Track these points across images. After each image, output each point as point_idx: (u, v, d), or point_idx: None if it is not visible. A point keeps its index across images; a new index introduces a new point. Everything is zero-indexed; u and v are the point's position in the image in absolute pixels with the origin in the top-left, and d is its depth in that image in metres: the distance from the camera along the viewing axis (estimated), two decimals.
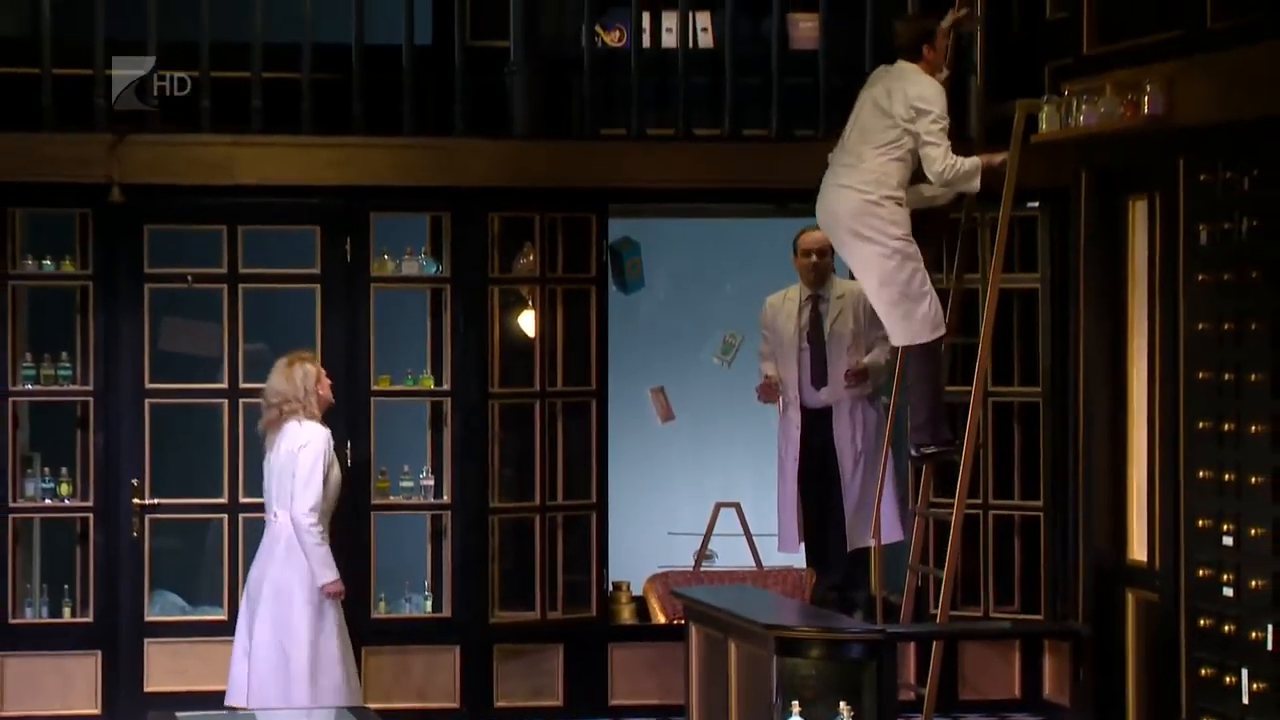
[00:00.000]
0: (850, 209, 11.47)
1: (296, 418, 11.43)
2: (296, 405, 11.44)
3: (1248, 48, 9.10)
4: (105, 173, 12.23)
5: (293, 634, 11.28)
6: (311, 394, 11.46)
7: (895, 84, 11.50)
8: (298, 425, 11.40)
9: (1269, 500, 8.93)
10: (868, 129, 11.53)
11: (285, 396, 11.46)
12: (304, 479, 11.32)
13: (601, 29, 12.99)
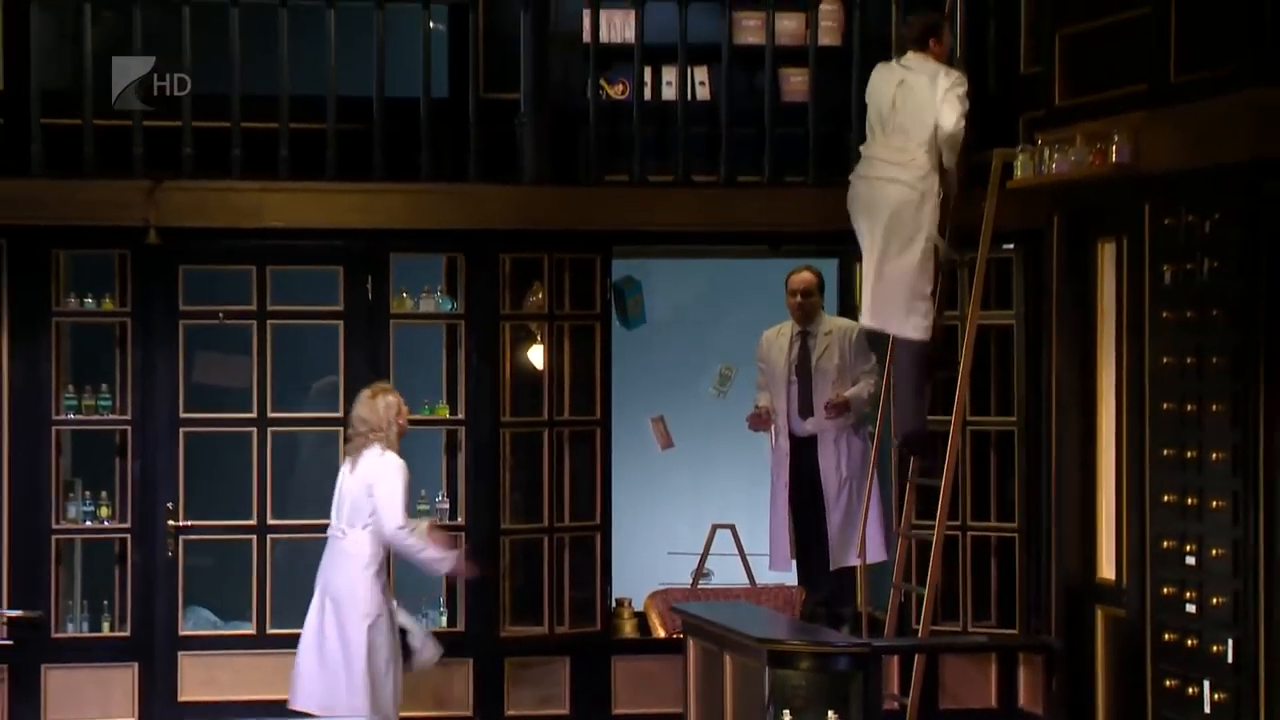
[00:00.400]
0: (898, 201, 11.45)
1: (380, 445, 11.44)
2: (380, 434, 11.46)
3: (1208, 101, 9.11)
4: (143, 216, 12.23)
5: (347, 644, 11.30)
6: (393, 423, 11.48)
7: (924, 74, 11.49)
8: (378, 455, 11.41)
9: (1229, 523, 8.92)
10: (910, 124, 11.49)
11: (371, 425, 11.48)
12: (388, 499, 11.32)
13: (606, 82, 13.01)
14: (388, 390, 11.66)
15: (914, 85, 11.56)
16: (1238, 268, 8.98)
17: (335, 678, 11.32)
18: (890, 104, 11.60)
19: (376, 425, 11.49)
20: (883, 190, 11.56)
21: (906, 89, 11.58)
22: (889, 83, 11.67)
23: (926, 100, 11.48)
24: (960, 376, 11.73)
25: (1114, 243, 10.11)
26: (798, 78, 13.08)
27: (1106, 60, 10.08)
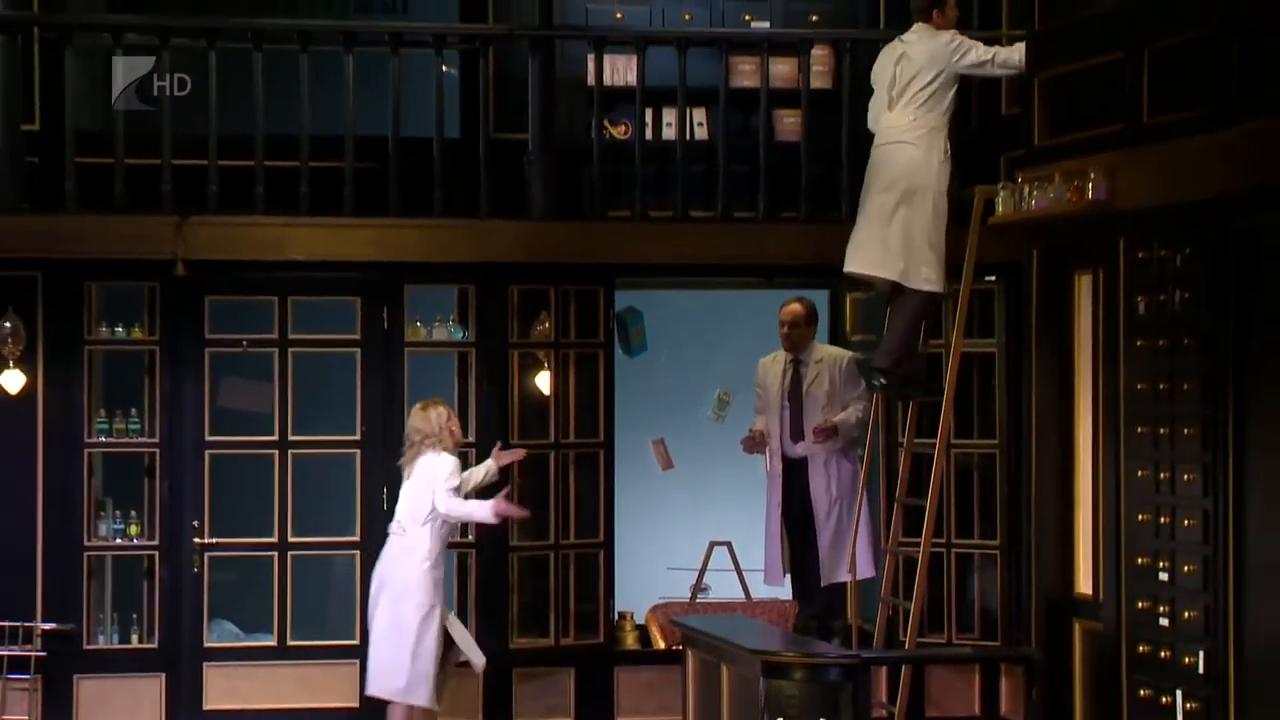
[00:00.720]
0: (907, 159, 11.46)
1: (434, 450, 11.57)
2: (434, 439, 11.61)
3: (1180, 141, 9.13)
4: (171, 250, 12.24)
5: (404, 630, 11.43)
6: (444, 430, 11.66)
7: (929, 44, 11.51)
8: (434, 456, 11.59)
9: (1200, 540, 8.93)
10: (914, 87, 11.51)
11: (424, 433, 11.66)
12: (441, 480, 11.53)
13: (609, 123, 13.04)
14: (438, 402, 11.83)
15: (913, 56, 11.60)
16: (1207, 299, 8.99)
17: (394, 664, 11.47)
18: (892, 79, 11.62)
19: (429, 433, 11.66)
20: (893, 153, 11.59)
21: (906, 60, 11.63)
22: (890, 61, 11.73)
23: (926, 63, 11.49)
24: (944, 401, 11.73)
25: (1090, 275, 10.12)
26: (791, 119, 13.10)
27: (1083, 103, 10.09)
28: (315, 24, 12.97)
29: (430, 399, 11.89)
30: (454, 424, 11.80)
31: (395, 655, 11.48)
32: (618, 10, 13.32)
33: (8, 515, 12.16)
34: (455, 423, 11.83)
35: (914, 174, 11.47)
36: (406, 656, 11.47)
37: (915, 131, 11.50)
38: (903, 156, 11.53)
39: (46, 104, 12.43)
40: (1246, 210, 8.72)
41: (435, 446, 11.64)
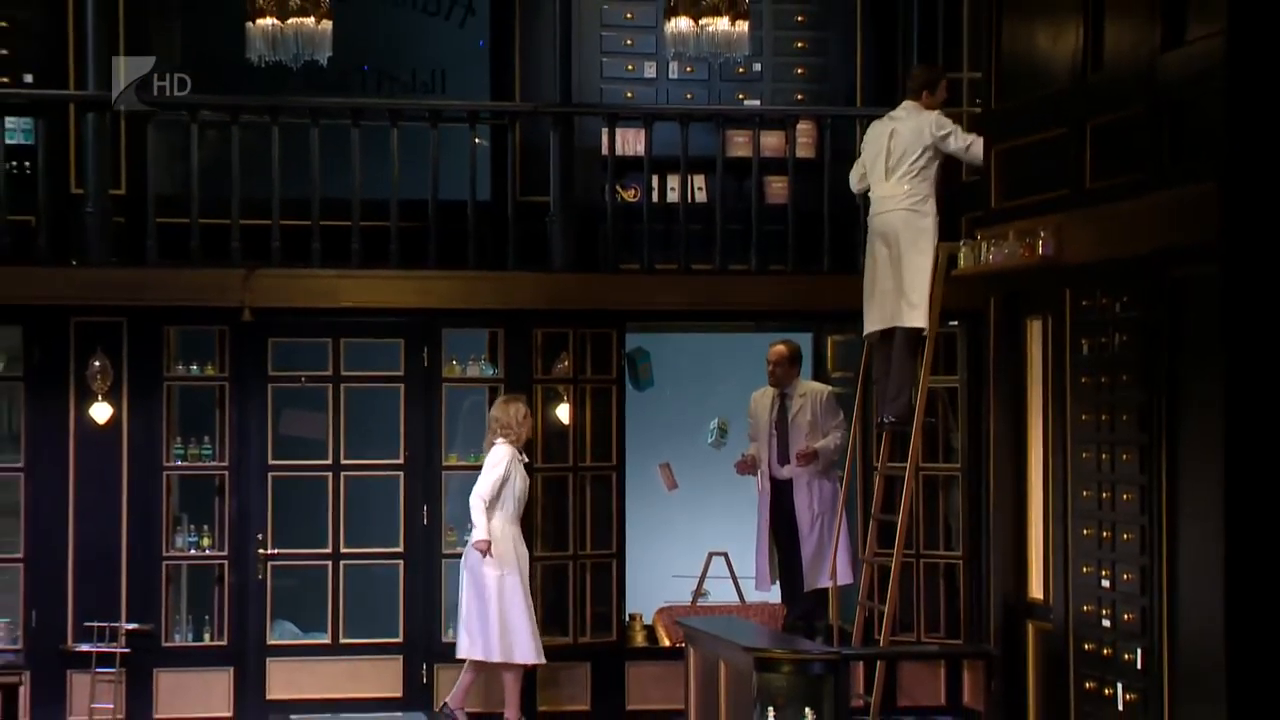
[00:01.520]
0: (903, 221, 11.51)
1: (504, 440, 11.87)
2: (510, 431, 11.89)
3: (1117, 204, 9.14)
4: (239, 298, 12.27)
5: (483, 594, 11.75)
6: (521, 424, 11.96)
7: (915, 121, 11.58)
8: (500, 445, 11.89)
9: (1137, 552, 8.92)
10: (905, 161, 11.58)
11: (502, 423, 11.96)
12: (483, 473, 11.82)
13: (620, 188, 13.06)
14: (520, 399, 12.07)
15: (902, 131, 11.64)
16: (1142, 341, 9.00)
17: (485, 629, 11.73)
18: (885, 152, 11.65)
19: (506, 424, 11.93)
20: (891, 220, 11.63)
21: (897, 136, 11.65)
22: (882, 135, 11.75)
23: (913, 139, 11.53)
24: (914, 430, 11.75)
25: (1041, 320, 10.11)
26: (779, 184, 13.13)
27: (1033, 170, 10.10)
28: (366, 102, 13.05)
29: (514, 395, 12.07)
30: (528, 423, 11.96)
31: (483, 621, 11.71)
32: (628, 90, 13.38)
33: (97, 529, 12.17)
34: (529, 423, 12.00)
35: (909, 232, 11.53)
36: (493, 620, 11.66)
37: (910, 199, 11.56)
38: (899, 220, 11.60)
39: (131, 171, 12.46)
40: (1176, 264, 8.73)
41: (506, 436, 11.85)
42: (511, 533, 11.90)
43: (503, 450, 11.89)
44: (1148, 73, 8.90)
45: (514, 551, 11.88)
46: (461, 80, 14.22)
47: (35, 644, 12.05)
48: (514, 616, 11.78)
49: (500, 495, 11.84)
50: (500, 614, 11.75)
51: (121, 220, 12.34)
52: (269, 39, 11.82)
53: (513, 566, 11.83)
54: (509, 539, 11.86)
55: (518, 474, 11.94)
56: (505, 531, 11.85)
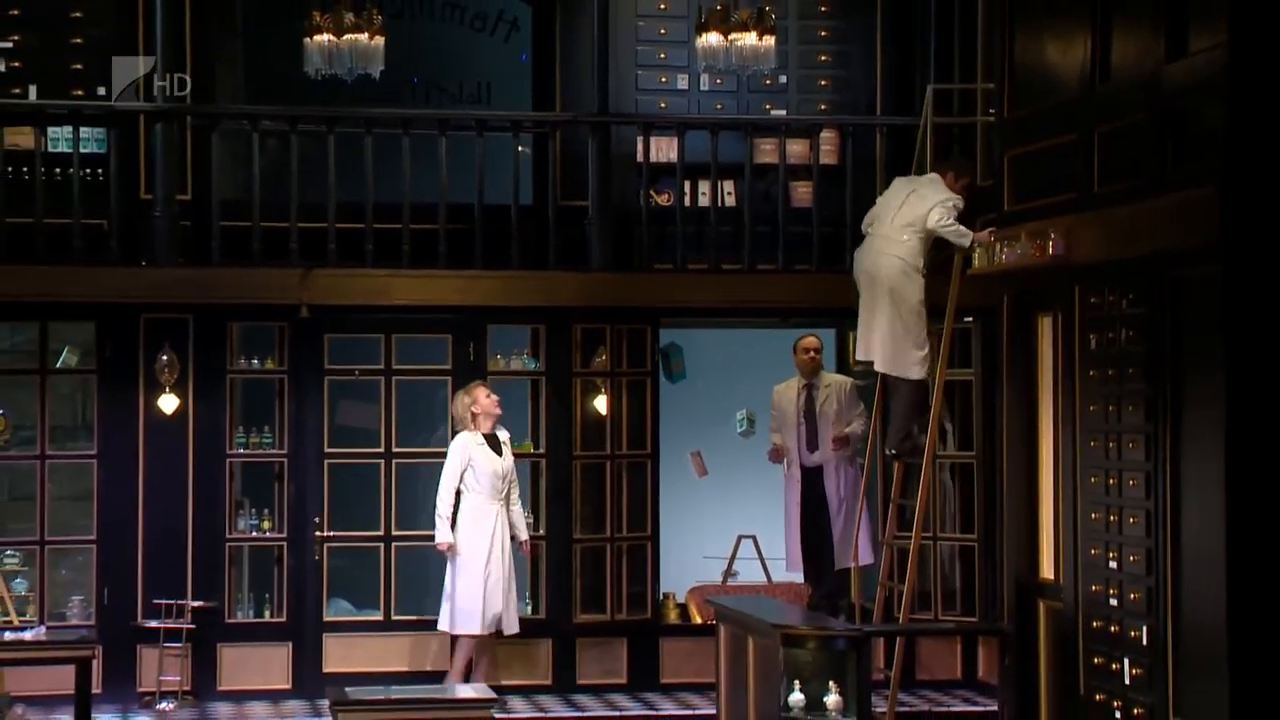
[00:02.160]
0: (893, 272, 11.46)
1: (464, 429, 11.96)
2: (460, 423, 12.00)
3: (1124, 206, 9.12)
4: (297, 297, 12.30)
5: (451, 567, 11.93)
6: (466, 413, 11.95)
7: (937, 195, 11.50)
8: (461, 435, 11.98)
9: (1143, 535, 8.90)
10: (908, 217, 11.50)
11: (455, 415, 12.06)
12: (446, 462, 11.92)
13: (655, 192, 13.04)
14: (472, 388, 12.03)
15: (923, 195, 11.57)
16: (1147, 336, 8.98)
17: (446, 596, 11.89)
18: (900, 204, 11.61)
19: (458, 416, 12.00)
20: (881, 259, 11.56)
21: (917, 196, 11.59)
22: (903, 190, 11.70)
23: (924, 211, 11.48)
24: (931, 420, 11.73)
25: (1051, 317, 10.10)
26: (804, 189, 13.10)
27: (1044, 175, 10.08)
28: (416, 112, 13.04)
29: (470, 384, 12.04)
30: (479, 406, 11.91)
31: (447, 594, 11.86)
32: (662, 101, 13.36)
33: (164, 513, 12.20)
34: (481, 404, 11.92)
35: (896, 283, 11.46)
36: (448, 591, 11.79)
37: (904, 248, 11.48)
38: (889, 265, 11.53)
39: (197, 178, 12.48)
40: (1178, 263, 8.70)
41: (463, 428, 11.87)
42: (489, 511, 11.88)
43: (457, 441, 11.94)
44: (1153, 82, 8.88)
45: (488, 530, 11.84)
46: (506, 92, 14.23)
47: (107, 620, 12.09)
48: (461, 587, 11.78)
49: (464, 482, 11.85)
50: (453, 586, 11.78)
51: (188, 223, 12.36)
52: (325, 54, 11.88)
53: (481, 544, 11.79)
54: (485, 517, 11.84)
55: (480, 456, 11.89)
56: (481, 510, 11.85)
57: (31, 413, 12.32)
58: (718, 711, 11.10)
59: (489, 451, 11.94)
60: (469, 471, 11.88)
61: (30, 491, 12.30)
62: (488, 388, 12.09)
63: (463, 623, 11.86)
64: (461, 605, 11.83)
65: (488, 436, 11.98)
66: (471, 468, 11.88)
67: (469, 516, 11.88)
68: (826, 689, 9.78)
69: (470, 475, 11.89)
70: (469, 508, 11.89)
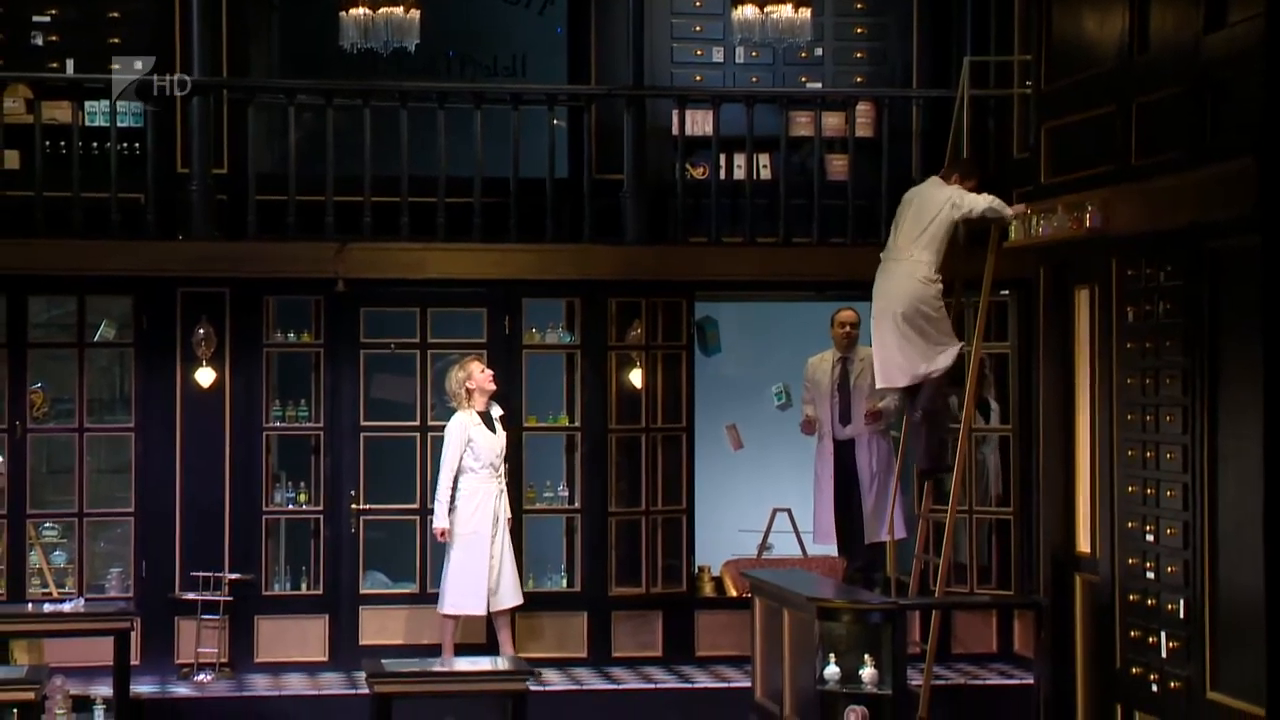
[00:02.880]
0: (900, 292, 11.43)
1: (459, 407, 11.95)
2: (454, 399, 11.99)
3: (1161, 179, 9.09)
4: (332, 270, 12.31)
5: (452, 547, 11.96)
6: (459, 390, 11.93)
7: (933, 191, 11.48)
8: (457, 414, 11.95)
9: (1180, 508, 8.89)
10: (913, 231, 11.48)
11: (450, 392, 12.02)
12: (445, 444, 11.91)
13: (690, 165, 13.03)
14: (465, 363, 12.03)
15: (926, 198, 11.56)
16: (1185, 308, 8.96)
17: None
18: (906, 216, 11.60)
19: (452, 393, 12.00)
20: (891, 272, 11.57)
21: (921, 200, 11.59)
22: (909, 202, 11.69)
23: (930, 207, 11.45)
24: (967, 393, 11.71)
25: (1088, 289, 10.07)
26: (839, 162, 13.08)
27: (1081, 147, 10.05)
28: (451, 86, 13.04)
29: (465, 358, 12.03)
30: (474, 380, 11.91)
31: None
32: (697, 74, 13.34)
33: (202, 486, 12.26)
34: (476, 379, 11.92)
35: (904, 297, 11.43)
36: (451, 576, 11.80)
37: (910, 261, 11.46)
38: (895, 280, 11.52)
39: (233, 151, 12.52)
40: (1216, 235, 8.68)
41: (455, 404, 11.90)
42: (490, 490, 11.89)
43: (454, 422, 11.93)
44: (1191, 53, 8.84)
45: (489, 508, 11.86)
46: (541, 65, 14.22)
47: (145, 592, 12.16)
48: (467, 568, 11.81)
49: (463, 462, 11.87)
50: (458, 567, 11.79)
51: (224, 197, 12.39)
52: (361, 27, 11.89)
53: (485, 523, 11.80)
54: (486, 496, 11.86)
55: (478, 435, 11.90)
56: (482, 490, 11.86)
57: (70, 386, 12.38)
58: (753, 684, 11.13)
59: (485, 430, 11.94)
60: (468, 452, 11.87)
61: (69, 464, 12.37)
62: (482, 363, 12.08)
63: (468, 603, 11.84)
64: (468, 586, 11.80)
65: (482, 414, 11.98)
66: (471, 448, 11.87)
67: (471, 497, 11.85)
68: (862, 662, 9.81)
69: (469, 455, 11.88)
70: (470, 488, 11.86)
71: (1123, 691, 9.38)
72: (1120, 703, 9.38)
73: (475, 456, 11.87)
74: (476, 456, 11.87)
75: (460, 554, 11.86)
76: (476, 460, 11.87)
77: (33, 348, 12.36)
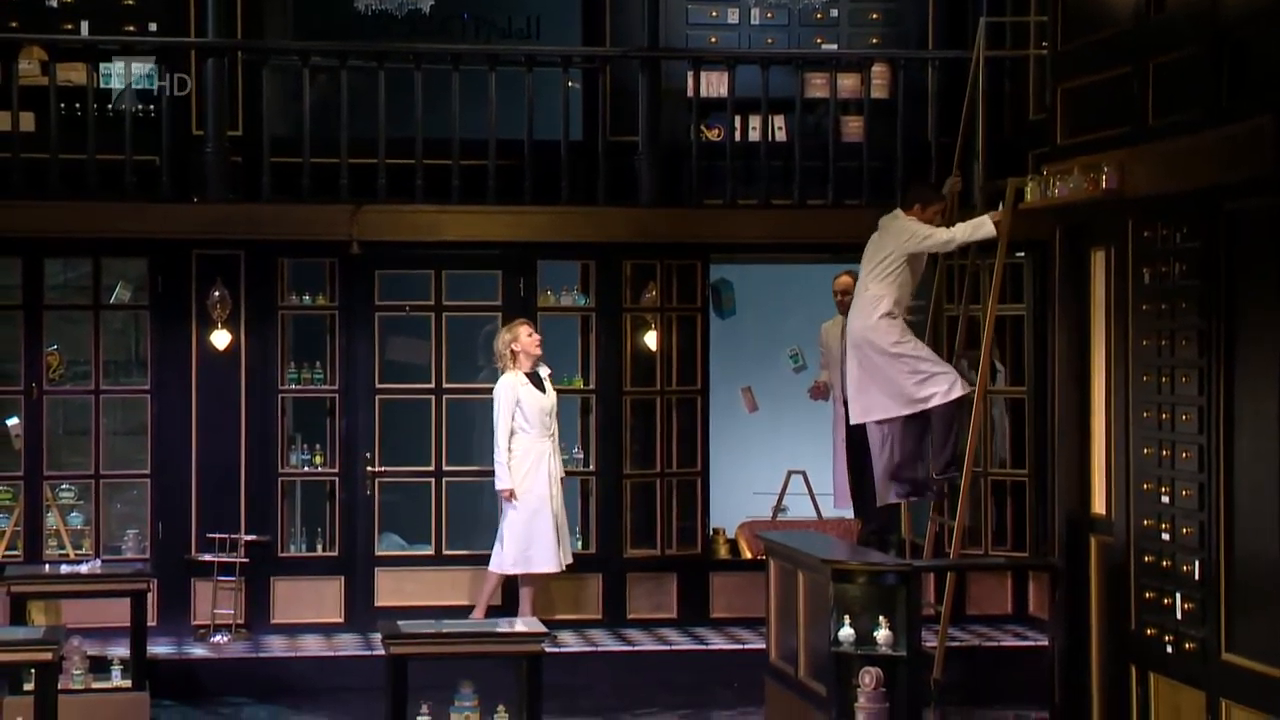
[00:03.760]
0: (859, 327, 11.42)
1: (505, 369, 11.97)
2: (500, 361, 12.01)
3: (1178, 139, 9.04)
4: (347, 233, 12.34)
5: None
6: (504, 352, 11.96)
7: (890, 225, 11.48)
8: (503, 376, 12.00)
9: (1195, 470, 8.86)
10: (867, 266, 11.48)
11: (496, 353, 12.04)
12: (496, 407, 11.92)
13: (705, 127, 13.00)
14: (511, 327, 11.99)
15: (885, 230, 11.47)
16: (1201, 270, 8.92)
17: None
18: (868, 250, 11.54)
19: (498, 354, 11.99)
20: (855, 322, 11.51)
21: (881, 233, 11.50)
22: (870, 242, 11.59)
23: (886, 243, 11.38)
24: (982, 356, 11.68)
25: (1104, 251, 10.03)
26: (855, 123, 13.04)
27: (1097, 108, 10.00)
28: (465, 48, 12.99)
29: (515, 320, 12.00)
30: (519, 344, 11.89)
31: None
32: (712, 35, 13.30)
33: (217, 448, 12.30)
34: (522, 342, 11.90)
35: (860, 333, 11.37)
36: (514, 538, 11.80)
37: (866, 297, 11.39)
38: (854, 316, 11.49)
39: (247, 113, 12.50)
40: (1233, 196, 8.63)
41: (503, 366, 11.90)
42: (537, 450, 11.90)
43: (503, 383, 11.93)
44: (1208, 12, 8.78)
45: (543, 467, 11.88)
46: (555, 27, 14.14)
47: (161, 554, 12.21)
48: (531, 527, 11.84)
49: (515, 422, 11.87)
50: (520, 527, 11.81)
51: (239, 159, 12.38)
52: None
53: (540, 481, 11.83)
54: (540, 455, 11.88)
55: (526, 395, 11.91)
56: (535, 449, 11.88)
57: (85, 348, 12.41)
58: (767, 646, 11.13)
59: (534, 390, 11.95)
60: (518, 412, 11.89)
61: (85, 426, 12.41)
62: (530, 326, 12.08)
63: (539, 560, 11.87)
64: (534, 544, 11.83)
65: (530, 375, 11.98)
66: (520, 408, 11.90)
67: (525, 457, 11.88)
68: (876, 624, 9.79)
69: (520, 415, 11.90)
70: (523, 448, 11.89)
71: (1137, 653, 9.36)
72: (1135, 664, 9.37)
73: (525, 417, 11.90)
74: (526, 417, 11.90)
75: (519, 514, 11.85)
76: (526, 421, 11.90)
77: (48, 310, 12.39)
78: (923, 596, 11.22)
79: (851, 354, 11.51)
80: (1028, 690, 11.10)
